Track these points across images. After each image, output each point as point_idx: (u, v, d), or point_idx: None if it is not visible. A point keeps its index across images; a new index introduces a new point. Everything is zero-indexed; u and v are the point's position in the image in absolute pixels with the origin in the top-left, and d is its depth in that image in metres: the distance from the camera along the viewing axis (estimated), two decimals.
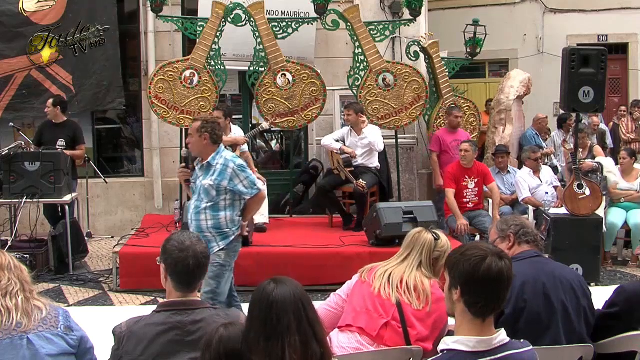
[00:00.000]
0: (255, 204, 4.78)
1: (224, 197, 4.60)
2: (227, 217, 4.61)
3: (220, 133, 4.70)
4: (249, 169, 4.71)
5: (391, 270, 3.18)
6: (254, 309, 2.11)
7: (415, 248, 3.23)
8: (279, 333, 2.03)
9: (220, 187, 4.58)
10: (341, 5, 8.13)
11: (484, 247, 2.21)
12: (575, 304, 2.95)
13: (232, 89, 9.60)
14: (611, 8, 12.52)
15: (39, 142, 7.64)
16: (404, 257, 3.24)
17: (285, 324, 2.04)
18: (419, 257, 3.20)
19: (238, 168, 4.57)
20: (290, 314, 2.06)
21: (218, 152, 4.64)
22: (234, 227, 4.65)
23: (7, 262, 2.60)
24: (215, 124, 4.70)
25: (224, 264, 4.62)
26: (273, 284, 2.12)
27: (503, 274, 2.13)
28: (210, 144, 4.62)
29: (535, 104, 10.81)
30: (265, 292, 2.10)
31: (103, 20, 9.02)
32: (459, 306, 2.17)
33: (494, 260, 2.13)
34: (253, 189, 4.61)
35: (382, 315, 3.05)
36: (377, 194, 7.70)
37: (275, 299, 2.07)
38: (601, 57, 6.39)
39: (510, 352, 2.14)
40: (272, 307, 2.06)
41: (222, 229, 4.61)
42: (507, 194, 7.98)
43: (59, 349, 2.55)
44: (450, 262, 2.22)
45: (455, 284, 2.17)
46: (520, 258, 3.03)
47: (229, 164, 4.57)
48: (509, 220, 3.23)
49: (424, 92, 8.11)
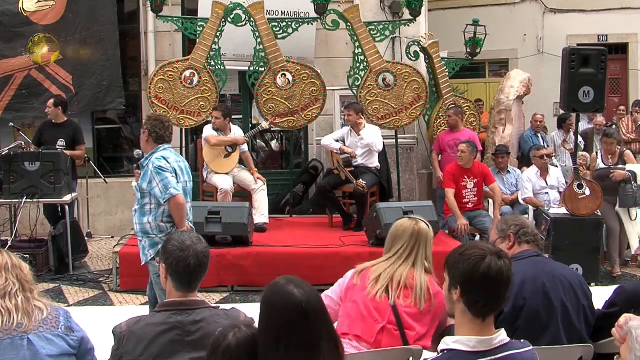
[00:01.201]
0: (174, 212, 4.40)
1: (148, 200, 4.41)
2: (152, 222, 4.41)
3: (162, 132, 4.48)
4: (167, 173, 4.37)
5: (388, 271, 3.12)
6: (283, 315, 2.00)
7: (411, 241, 3.15)
8: (315, 343, 1.99)
9: (143, 189, 4.41)
10: (341, 5, 8.13)
11: (483, 246, 2.20)
12: (575, 303, 2.96)
13: (232, 89, 9.60)
14: (611, 8, 12.53)
15: (39, 142, 7.63)
16: (402, 255, 3.15)
17: (320, 331, 2.01)
18: (422, 251, 3.14)
19: (155, 170, 4.34)
20: (322, 320, 2.03)
21: (154, 152, 4.46)
22: (162, 234, 4.39)
23: (5, 262, 2.59)
24: (158, 122, 4.49)
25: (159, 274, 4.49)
26: (296, 288, 2.03)
27: (502, 273, 2.13)
28: (151, 142, 4.47)
29: (535, 104, 10.81)
30: (297, 299, 2.00)
31: (103, 20, 9.02)
32: (459, 306, 2.17)
33: (493, 259, 2.13)
34: (165, 193, 4.33)
35: (377, 320, 3.01)
36: (377, 194, 7.70)
37: (310, 306, 2.00)
38: (601, 57, 6.39)
39: (510, 352, 2.13)
40: (308, 315, 2.00)
41: (149, 235, 4.43)
42: (507, 194, 7.97)
43: (60, 350, 2.55)
44: (450, 262, 2.22)
45: (454, 283, 2.17)
46: (520, 257, 3.02)
47: (150, 164, 4.38)
48: (509, 220, 3.23)
49: (424, 92, 8.11)
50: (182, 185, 4.49)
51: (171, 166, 4.42)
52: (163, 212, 4.41)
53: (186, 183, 4.60)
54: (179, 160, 4.56)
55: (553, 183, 7.67)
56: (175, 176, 4.43)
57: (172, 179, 4.38)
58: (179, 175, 4.49)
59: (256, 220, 7.27)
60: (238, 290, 6.46)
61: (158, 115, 4.76)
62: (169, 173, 4.38)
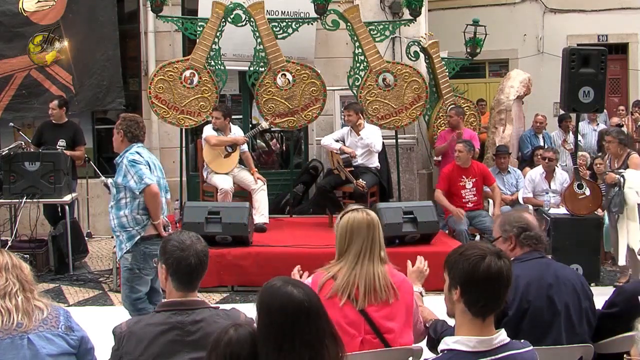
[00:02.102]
0: (149, 202, 4.53)
1: (123, 194, 4.55)
2: (128, 215, 4.53)
3: (137, 132, 4.63)
4: (140, 165, 4.53)
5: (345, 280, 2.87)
6: (262, 308, 2.05)
7: (359, 234, 2.91)
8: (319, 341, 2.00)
9: (118, 184, 4.55)
10: (341, 5, 8.13)
11: (483, 246, 2.20)
12: (578, 306, 2.94)
13: (232, 89, 9.60)
14: (611, 8, 12.53)
15: (38, 143, 7.63)
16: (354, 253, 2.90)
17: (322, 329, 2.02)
18: (371, 243, 2.91)
19: (129, 163, 4.50)
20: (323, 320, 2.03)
21: (127, 149, 4.60)
22: (138, 226, 4.54)
23: (5, 262, 2.59)
24: (133, 122, 4.64)
25: (132, 268, 4.51)
26: (295, 289, 2.04)
27: (502, 273, 2.13)
28: (125, 141, 4.61)
29: (535, 104, 10.81)
30: (298, 299, 2.02)
31: (103, 20, 9.02)
32: (459, 306, 2.17)
33: (493, 259, 2.13)
34: (140, 183, 4.48)
35: (354, 335, 2.85)
36: (377, 194, 7.70)
37: (311, 305, 2.02)
38: (601, 57, 6.39)
39: (510, 352, 2.13)
40: (309, 314, 2.01)
41: (126, 228, 4.54)
42: (507, 194, 7.97)
43: (60, 349, 2.55)
44: (450, 262, 2.22)
45: (455, 284, 2.17)
46: (525, 259, 3.00)
47: (124, 159, 4.54)
48: (512, 220, 3.11)
49: (424, 92, 8.10)
50: (155, 179, 4.63)
51: (144, 159, 4.57)
52: (138, 205, 4.55)
53: (159, 179, 4.73)
54: (151, 157, 4.73)
55: (557, 187, 7.62)
56: (149, 169, 4.58)
57: (146, 170, 4.54)
58: (153, 170, 4.64)
59: (256, 220, 7.27)
60: (238, 290, 6.46)
61: (132, 116, 4.84)
62: (143, 165, 4.53)
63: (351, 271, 2.88)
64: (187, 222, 6.50)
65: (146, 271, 4.55)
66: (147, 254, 4.54)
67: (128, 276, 4.53)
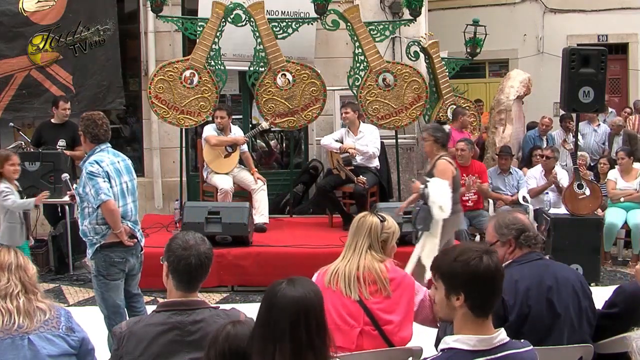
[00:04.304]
0: (106, 216, 4.34)
1: (86, 203, 4.39)
2: (88, 225, 4.39)
3: (96, 131, 4.38)
4: (98, 178, 4.30)
5: (344, 268, 3.06)
6: (260, 307, 2.09)
7: (360, 233, 3.14)
8: (273, 337, 2.01)
9: (80, 193, 4.39)
10: (341, 5, 8.13)
11: (472, 247, 2.21)
12: (578, 308, 2.93)
13: (232, 89, 9.60)
14: (611, 8, 12.54)
15: (38, 143, 7.62)
16: (353, 248, 3.12)
17: (280, 328, 2.01)
18: (368, 241, 3.11)
19: (87, 175, 4.31)
20: (287, 319, 2.02)
21: (90, 154, 4.42)
22: (97, 236, 4.38)
23: (9, 262, 2.60)
24: (90, 122, 4.39)
25: (96, 274, 4.42)
26: (285, 285, 2.08)
27: (499, 269, 2.18)
28: (88, 142, 4.42)
29: (535, 104, 10.82)
30: (271, 293, 2.07)
31: (103, 20, 9.02)
32: (461, 311, 2.16)
33: (488, 257, 2.16)
34: (96, 199, 4.29)
35: (353, 326, 2.95)
36: (377, 194, 7.70)
37: (277, 301, 2.04)
38: (601, 57, 6.39)
39: (510, 352, 2.14)
40: (272, 309, 2.05)
41: (87, 237, 4.43)
42: (508, 194, 7.97)
43: (60, 350, 2.55)
44: (444, 269, 2.20)
45: (457, 290, 2.15)
46: (524, 261, 2.98)
47: (84, 169, 4.35)
48: (508, 222, 3.06)
49: (424, 92, 8.10)
50: (118, 187, 4.41)
51: (104, 170, 4.34)
52: (97, 216, 4.36)
53: (126, 183, 4.50)
54: (116, 161, 4.47)
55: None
56: (109, 179, 4.35)
57: (104, 184, 4.30)
58: (113, 178, 4.38)
59: (256, 220, 7.27)
60: (238, 290, 6.47)
61: (91, 114, 4.55)
62: (100, 178, 4.30)
63: (348, 262, 3.09)
64: (187, 222, 6.50)
65: (111, 277, 4.42)
66: (107, 261, 4.41)
67: (96, 283, 4.46)
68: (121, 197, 4.45)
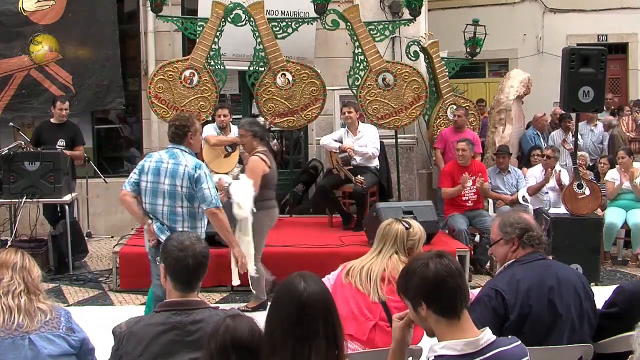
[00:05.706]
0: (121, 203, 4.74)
1: None
2: None
3: (169, 131, 4.69)
4: (135, 169, 4.70)
5: (369, 266, 3.16)
6: (283, 307, 2.06)
7: (387, 241, 3.23)
8: (308, 336, 2.01)
9: None
10: (341, 5, 8.14)
11: (422, 256, 2.25)
12: (579, 309, 2.93)
13: (232, 89, 9.61)
14: (611, 8, 12.53)
15: (37, 143, 7.61)
16: (379, 251, 3.22)
17: (315, 327, 2.02)
18: (394, 248, 3.21)
19: None
20: (321, 317, 2.04)
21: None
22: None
23: (14, 262, 2.62)
24: (172, 124, 4.73)
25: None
26: (304, 282, 2.08)
27: (451, 268, 2.16)
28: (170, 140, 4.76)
29: (535, 104, 10.80)
30: (296, 292, 2.05)
31: (103, 20, 9.02)
32: (432, 318, 2.17)
33: (436, 262, 2.16)
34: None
35: (369, 318, 3.01)
36: (377, 194, 7.70)
37: (309, 300, 2.04)
38: (601, 57, 6.38)
39: (498, 350, 2.14)
40: (304, 308, 2.03)
41: None
42: (508, 194, 7.97)
43: (61, 350, 2.56)
44: (402, 286, 2.24)
45: (417, 301, 2.18)
46: (526, 261, 2.98)
47: None
48: (513, 221, 3.06)
49: (424, 92, 8.10)
50: (149, 185, 4.54)
51: (142, 164, 4.63)
52: None
53: (165, 185, 4.53)
54: (164, 162, 4.55)
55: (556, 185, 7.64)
56: (140, 174, 4.59)
57: (133, 175, 4.62)
58: (145, 174, 4.57)
59: None
60: (238, 290, 6.45)
61: (178, 115, 4.96)
62: (136, 170, 4.64)
63: (373, 261, 3.19)
64: None
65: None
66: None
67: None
68: (151, 195, 4.56)
